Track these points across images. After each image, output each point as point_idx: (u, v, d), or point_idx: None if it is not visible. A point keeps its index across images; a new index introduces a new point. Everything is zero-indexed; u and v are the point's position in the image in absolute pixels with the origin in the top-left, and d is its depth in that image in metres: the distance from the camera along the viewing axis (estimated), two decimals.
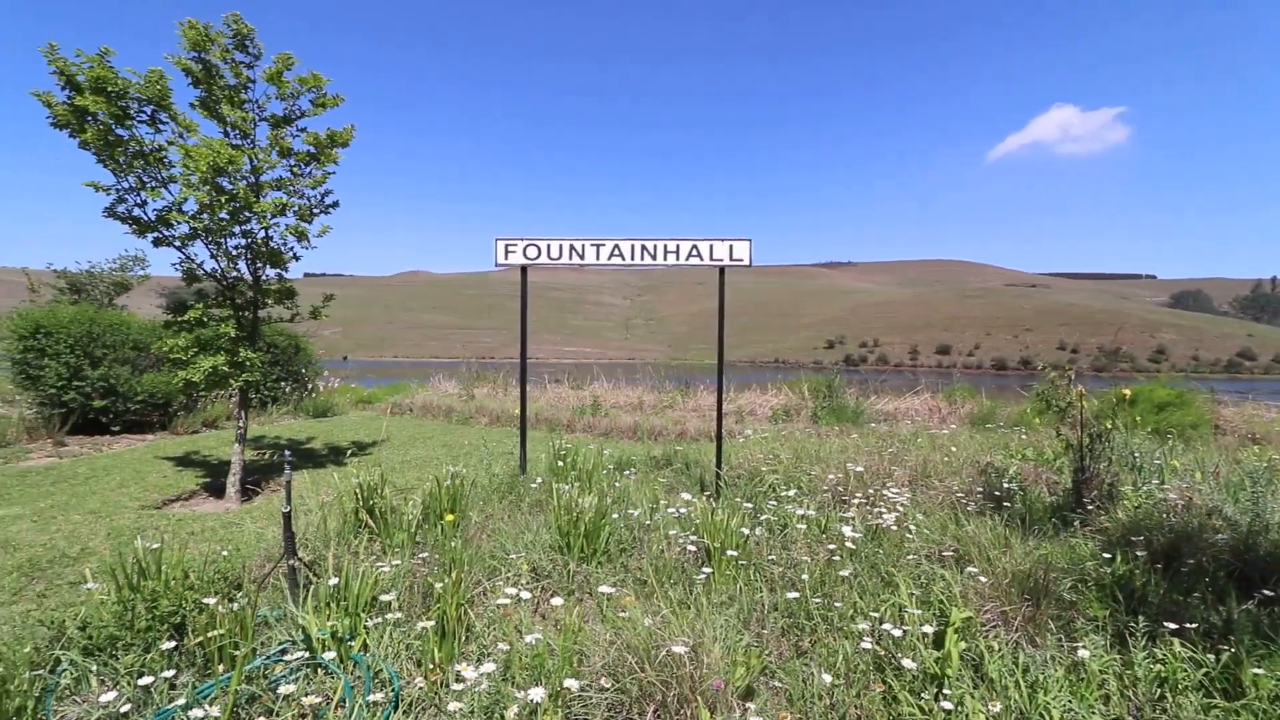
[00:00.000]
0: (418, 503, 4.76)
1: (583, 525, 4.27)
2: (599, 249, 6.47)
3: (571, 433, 10.69)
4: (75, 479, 6.82)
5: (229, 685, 2.64)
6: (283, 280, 6.98)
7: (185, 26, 6.18)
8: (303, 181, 6.87)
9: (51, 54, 5.72)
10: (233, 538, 5.00)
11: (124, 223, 6.30)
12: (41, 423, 8.84)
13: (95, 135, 5.84)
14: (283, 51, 6.59)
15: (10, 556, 4.68)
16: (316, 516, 4.82)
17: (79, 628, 3.04)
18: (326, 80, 6.94)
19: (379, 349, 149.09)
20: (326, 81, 6.94)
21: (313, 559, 3.95)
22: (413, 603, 3.50)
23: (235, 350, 6.20)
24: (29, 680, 2.61)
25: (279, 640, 3.18)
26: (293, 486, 3.89)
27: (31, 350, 8.91)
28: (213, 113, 6.46)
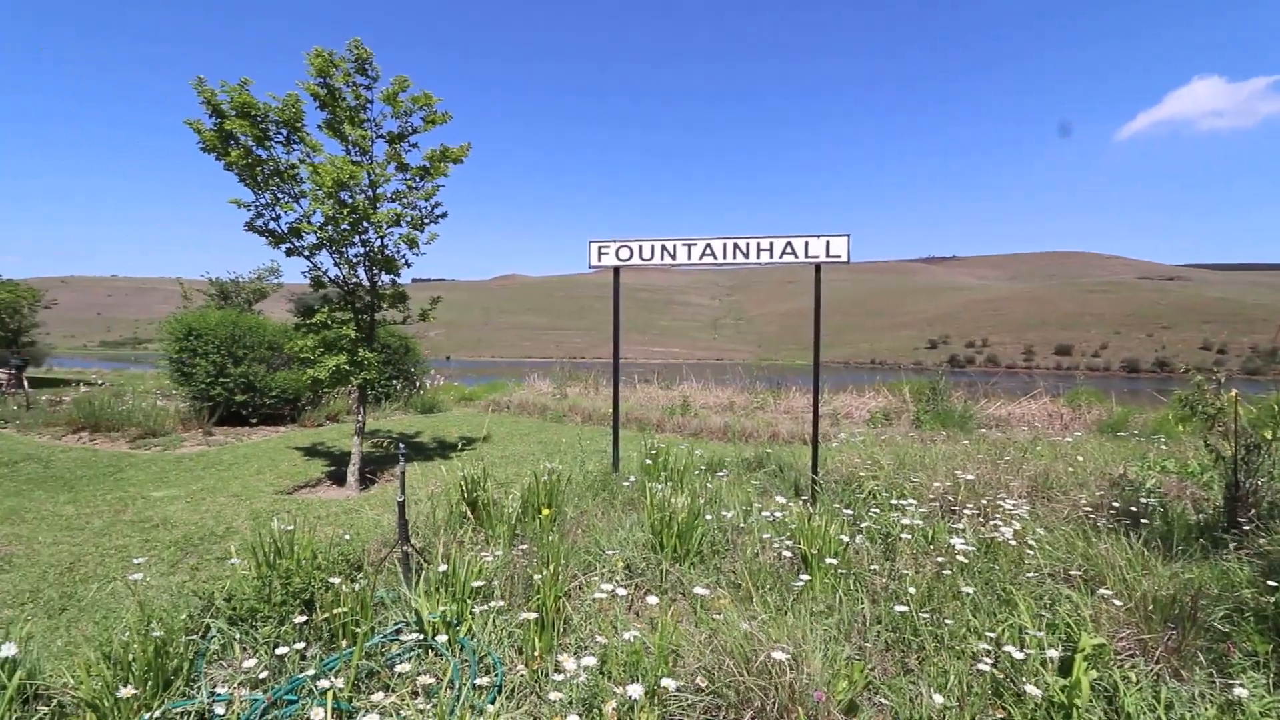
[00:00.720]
0: (517, 497, 4.95)
1: (675, 525, 4.27)
2: (690, 249, 6.46)
3: (661, 432, 10.73)
4: (221, 465, 7.65)
5: (351, 660, 2.86)
6: (396, 285, 7.47)
7: (312, 55, 6.76)
8: (415, 194, 7.32)
9: (200, 85, 6.44)
10: (353, 523, 5.42)
11: (261, 235, 6.99)
12: (193, 414, 9.99)
13: (238, 156, 6.51)
14: (399, 74, 7.05)
15: (168, 533, 5.32)
16: (426, 506, 5.13)
17: (225, 599, 3.39)
18: (437, 99, 7.37)
19: (477, 349, 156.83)
20: (437, 100, 7.37)
21: (423, 546, 4.19)
22: (513, 592, 3.64)
23: (355, 350, 6.71)
24: (185, 644, 2.94)
25: (394, 620, 3.40)
26: (403, 477, 4.18)
27: (185, 350, 10.09)
28: (336, 132, 7.02)
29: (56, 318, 31.34)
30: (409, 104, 7.24)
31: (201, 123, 6.51)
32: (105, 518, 5.67)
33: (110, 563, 4.66)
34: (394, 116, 7.24)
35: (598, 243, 6.63)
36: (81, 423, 9.45)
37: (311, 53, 6.74)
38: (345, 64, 6.88)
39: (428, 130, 7.46)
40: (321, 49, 6.76)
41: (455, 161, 7.61)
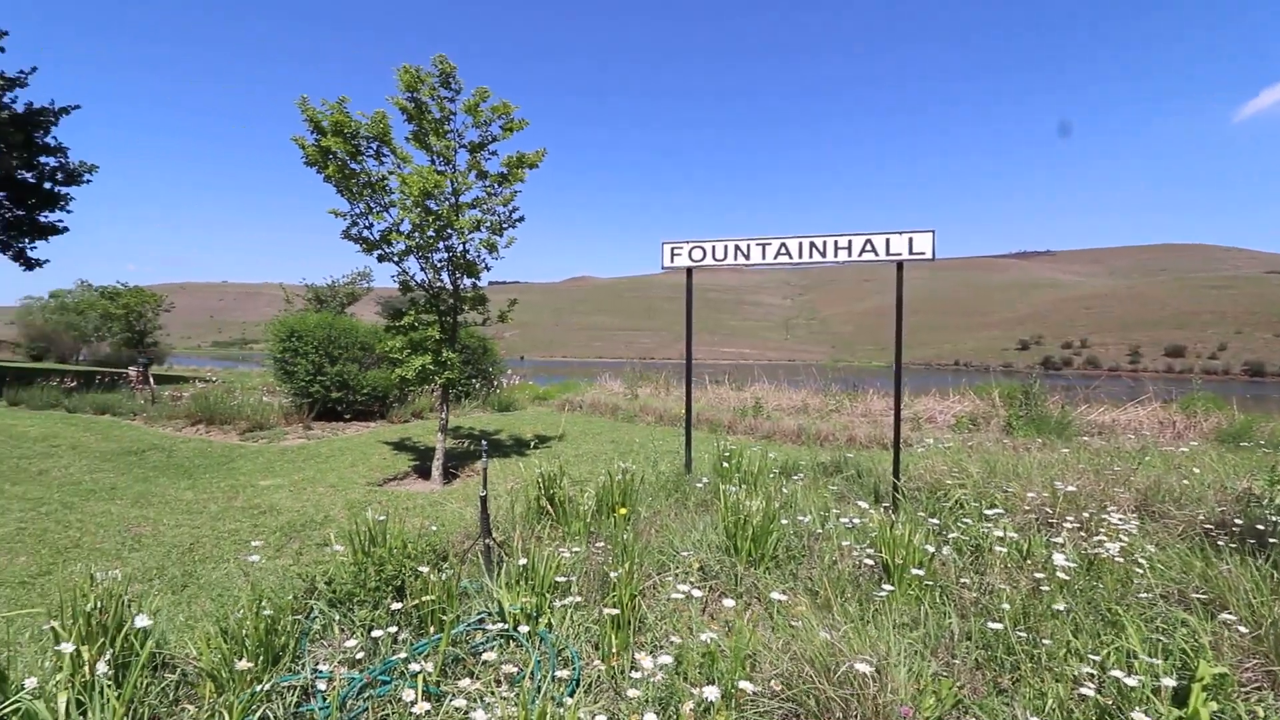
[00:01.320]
0: (592, 495, 5.04)
1: (750, 528, 4.22)
2: (764, 249, 6.36)
3: (733, 434, 10.63)
4: (319, 457, 8.20)
5: (439, 646, 3.00)
6: (476, 288, 7.77)
7: (401, 71, 7.13)
8: (494, 200, 7.59)
9: (304, 104, 6.93)
10: (438, 515, 5.68)
11: (355, 243, 7.44)
12: (294, 410, 10.76)
13: (335, 170, 6.96)
14: (480, 85, 7.34)
15: (274, 519, 5.75)
16: (505, 502, 5.30)
17: (325, 583, 3.64)
18: (515, 107, 7.61)
19: (550, 349, 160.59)
20: (515, 108, 7.62)
21: (503, 540, 4.34)
22: (588, 588, 3.70)
23: (439, 351, 7.04)
24: (291, 623, 3.18)
25: (477, 610, 3.54)
26: (485, 473, 4.36)
27: (288, 350, 10.89)
28: (422, 143, 7.38)
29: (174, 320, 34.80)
30: (489, 113, 7.51)
31: (304, 139, 7.01)
32: (220, 503, 6.21)
33: (224, 545, 5.10)
34: (475, 126, 7.53)
35: (671, 244, 6.65)
36: (198, 416, 10.39)
37: (401, 69, 7.11)
38: (431, 78, 7.22)
39: (506, 138, 7.72)
40: (410, 66, 7.13)
41: (531, 167, 7.83)
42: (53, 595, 4.20)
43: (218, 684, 2.80)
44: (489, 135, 7.63)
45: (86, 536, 5.32)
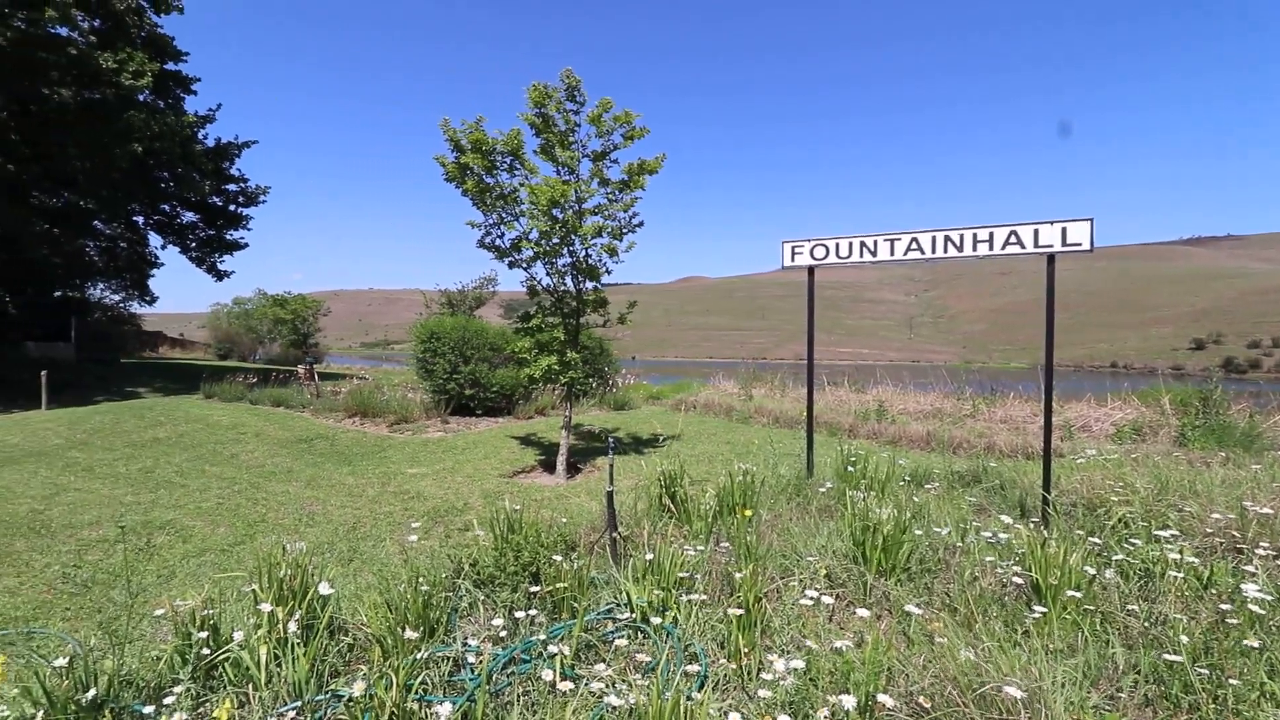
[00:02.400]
0: (712, 495, 5.07)
1: (880, 537, 4.06)
2: (893, 244, 6.08)
3: (854, 438, 10.21)
4: (456, 450, 8.89)
5: (573, 631, 3.18)
6: (597, 291, 8.06)
7: (530, 88, 7.56)
8: (615, 206, 7.84)
9: (445, 126, 7.54)
10: (565, 507, 5.97)
11: (489, 251, 7.98)
12: (434, 405, 11.73)
13: (473, 185, 7.52)
14: (604, 97, 7.62)
15: (422, 504, 6.32)
16: (627, 498, 5.47)
17: (470, 565, 3.96)
18: (636, 115, 7.82)
19: (661, 349, 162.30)
20: (636, 116, 7.83)
21: (627, 534, 4.48)
22: (711, 587, 3.75)
23: (564, 351, 7.39)
24: (443, 600, 3.49)
25: (605, 600, 3.71)
26: (604, 470, 4.54)
27: (428, 351, 11.89)
28: (549, 155, 7.77)
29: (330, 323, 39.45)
30: (611, 123, 7.77)
31: (445, 157, 7.63)
32: (376, 488, 6.92)
33: (381, 525, 5.69)
34: (598, 136, 7.82)
35: (791, 242, 6.53)
36: (354, 410, 11.62)
37: (530, 87, 7.54)
38: (557, 93, 7.59)
39: (627, 146, 7.95)
40: (539, 83, 7.54)
41: (651, 173, 8.00)
42: (247, 561, 4.90)
43: (384, 649, 3.14)
44: (611, 144, 7.89)
45: (271, 512, 6.15)
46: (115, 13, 17.70)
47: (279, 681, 2.85)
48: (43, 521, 5.93)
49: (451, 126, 7.47)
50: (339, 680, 3.01)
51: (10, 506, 6.39)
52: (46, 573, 4.76)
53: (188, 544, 5.32)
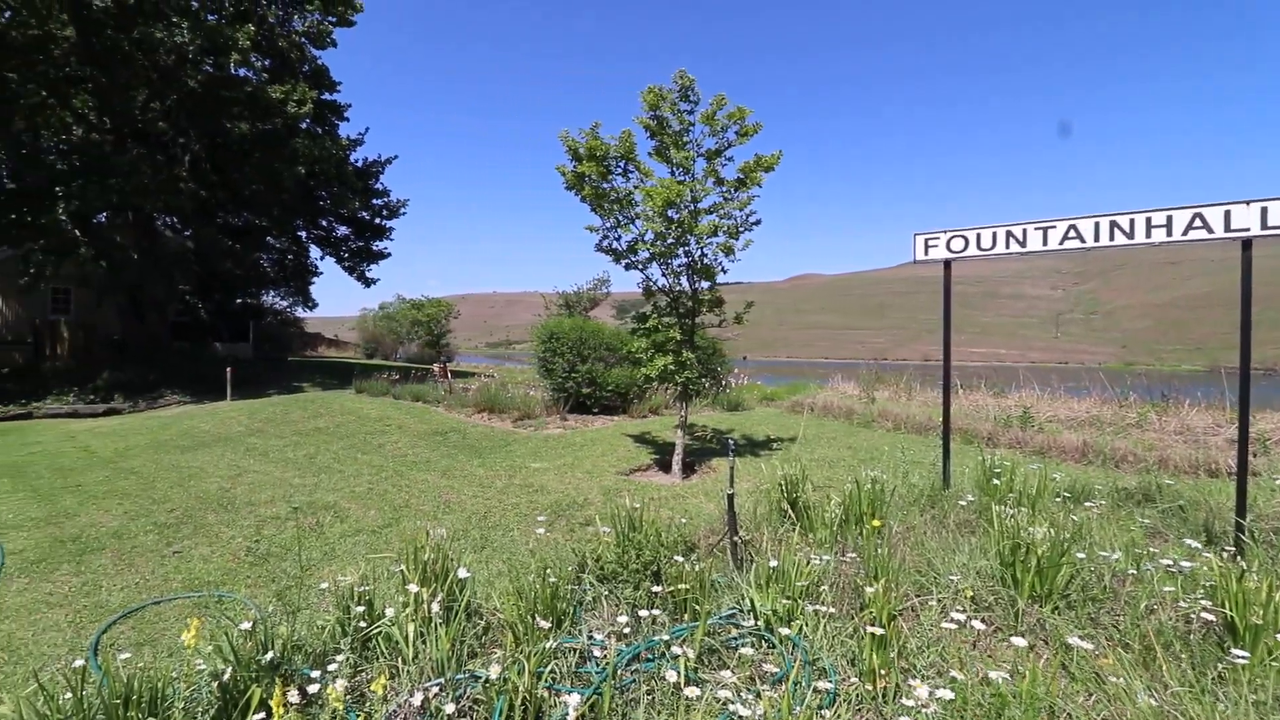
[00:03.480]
0: (837, 502, 4.84)
1: (1034, 558, 3.68)
2: (1046, 233, 5.49)
3: (994, 447, 9.36)
4: (574, 446, 9.19)
5: (696, 634, 3.15)
6: (713, 291, 8.00)
7: (645, 92, 7.64)
8: (731, 204, 7.74)
9: (565, 137, 7.79)
10: (682, 508, 5.97)
11: (607, 254, 8.16)
12: (553, 402, 12.21)
13: (590, 191, 7.72)
14: (718, 93, 7.54)
15: (545, 497, 6.58)
16: (745, 501, 5.36)
17: (593, 560, 4.05)
18: (749, 111, 7.68)
19: (772, 349, 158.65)
20: (749, 113, 7.68)
21: (747, 539, 4.39)
22: (838, 600, 3.57)
23: (680, 351, 7.40)
24: (569, 593, 3.59)
25: (726, 605, 3.64)
26: (725, 472, 4.47)
27: (548, 350, 12.41)
28: (663, 156, 7.81)
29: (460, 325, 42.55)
30: (724, 120, 7.67)
31: (565, 166, 7.90)
32: (503, 480, 7.31)
33: (509, 516, 5.99)
34: (711, 134, 7.75)
35: (924, 235, 6.09)
36: (482, 405, 12.37)
37: (645, 91, 7.63)
38: (671, 94, 7.61)
39: (741, 143, 7.82)
40: (653, 86, 7.61)
41: (768, 170, 7.81)
42: (394, 543, 5.35)
43: (515, 636, 3.29)
44: (725, 141, 7.80)
45: (413, 499, 6.68)
46: (281, 51, 20.08)
47: (424, 657, 3.06)
48: (229, 498, 6.84)
49: (570, 137, 7.72)
50: (476, 661, 3.18)
51: (203, 484, 7.43)
52: (231, 544, 5.47)
53: (344, 524, 5.90)
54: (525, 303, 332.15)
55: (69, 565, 5.03)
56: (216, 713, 2.71)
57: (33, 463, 9.02)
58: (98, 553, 5.29)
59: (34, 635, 3.92)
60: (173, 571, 4.88)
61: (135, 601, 4.33)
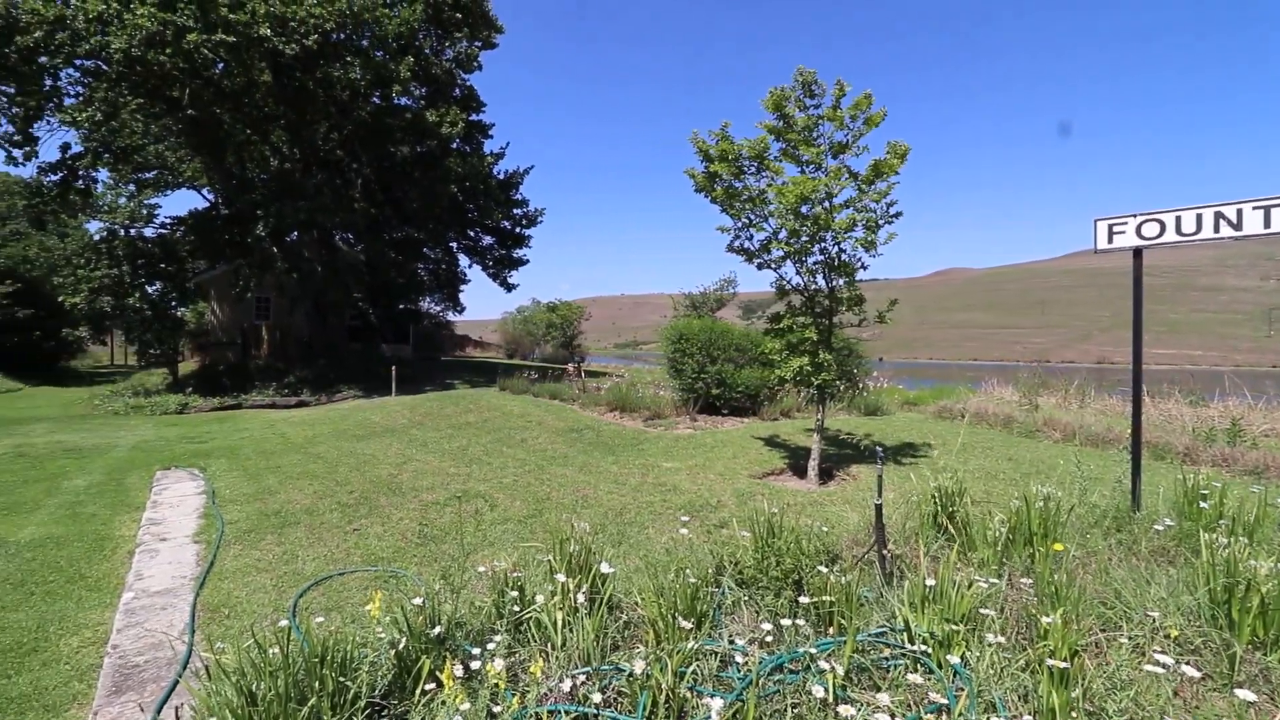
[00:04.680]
0: (1000, 519, 4.40)
1: (1256, 597, 3.11)
2: (1269, 213, 4.62)
3: (1192, 464, 8.06)
4: (704, 447, 9.18)
5: (844, 649, 3.00)
6: (852, 288, 7.62)
7: (768, 95, 7.46)
8: (868, 196, 7.34)
9: (695, 139, 7.80)
10: (821, 515, 5.75)
11: (738, 254, 8.06)
12: (681, 403, 12.29)
13: (721, 192, 7.67)
14: (837, 78, 7.19)
15: (678, 497, 6.63)
16: (894, 513, 5.04)
17: (731, 563, 4.00)
18: (871, 98, 7.25)
19: (911, 350, 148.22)
20: (871, 99, 7.26)
21: (898, 553, 4.12)
22: (1007, 629, 3.24)
23: (816, 352, 7.13)
24: (708, 595, 3.57)
25: (875, 622, 3.44)
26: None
27: (677, 351, 12.50)
28: (792, 156, 7.57)
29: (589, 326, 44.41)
30: (849, 111, 7.30)
31: (695, 169, 7.91)
32: (636, 478, 7.47)
33: (644, 513, 6.10)
34: (839, 128, 7.40)
35: (1108, 220, 5.37)
36: (614, 404, 12.75)
37: (767, 94, 7.45)
38: (794, 92, 7.36)
39: (868, 132, 7.40)
40: (774, 88, 7.42)
41: (901, 158, 7.35)
42: (539, 533, 5.65)
43: (656, 633, 3.33)
44: (854, 132, 7.42)
45: (553, 492, 7.03)
46: (436, 78, 22.01)
47: (571, 645, 3.19)
48: (397, 483, 7.60)
49: (701, 138, 7.72)
50: (618, 654, 3.26)
51: (375, 470, 8.32)
52: (400, 525, 6.07)
53: (494, 512, 6.34)
54: (651, 304, 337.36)
55: (272, 536, 5.85)
56: (393, 678, 3.01)
57: (243, 446, 10.62)
58: (294, 526, 6.11)
59: (246, 595, 4.59)
60: (353, 547, 5.51)
61: (323, 571, 4.94)
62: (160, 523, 6.33)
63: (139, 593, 4.65)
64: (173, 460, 9.41)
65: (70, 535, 5.95)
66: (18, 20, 14.14)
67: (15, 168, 18.16)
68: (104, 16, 14.46)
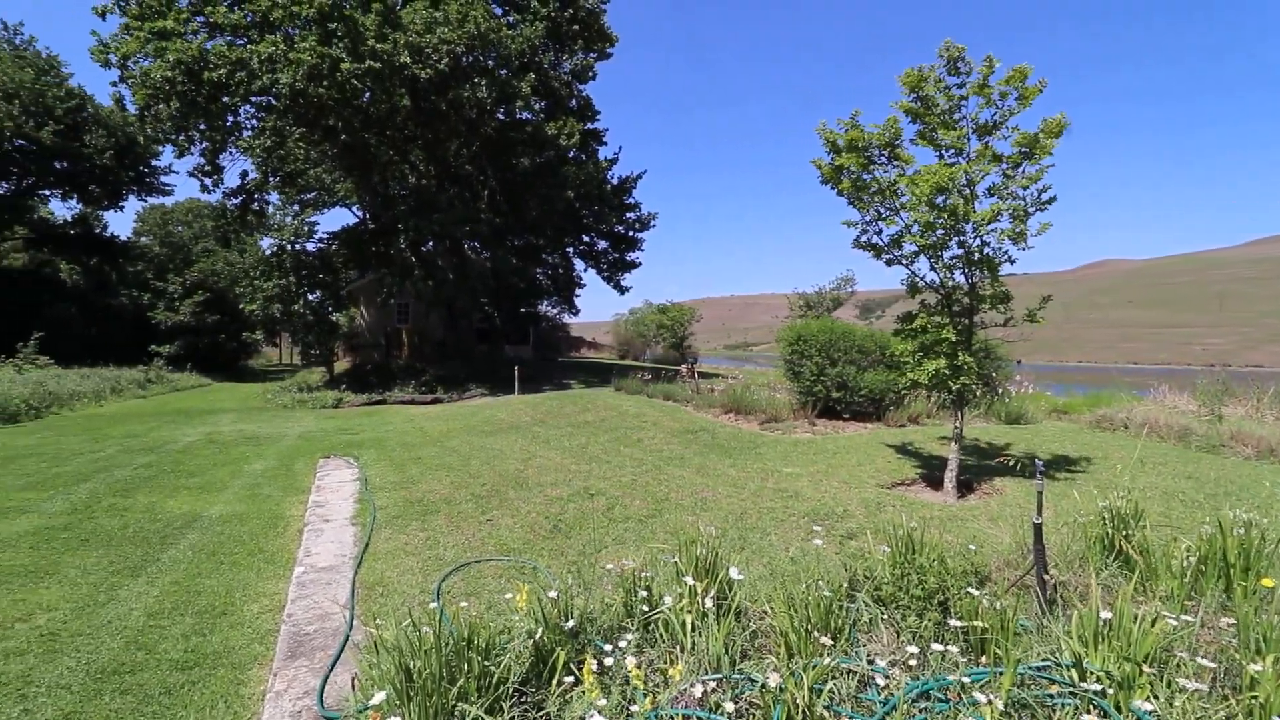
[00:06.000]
0: (1187, 546, 3.84)
1: None
2: None
3: None
4: (826, 453, 8.82)
5: (1001, 681, 2.74)
6: (996, 284, 7.00)
7: (904, 75, 6.99)
8: (1015, 182, 6.71)
9: (822, 129, 7.50)
10: (962, 531, 5.32)
11: (865, 250, 7.65)
12: (799, 406, 11.90)
13: (849, 184, 7.32)
14: (987, 55, 6.60)
15: (800, 504, 6.41)
16: (1053, 534, 4.56)
17: (865, 577, 3.79)
18: (1029, 70, 6.57)
19: (1057, 351, 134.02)
20: (1029, 72, 6.58)
21: (1063, 579, 3.72)
22: (1201, 674, 2.81)
23: (954, 354, 6.61)
24: (843, 610, 3.41)
25: (1036, 655, 3.11)
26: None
27: (795, 353, 12.12)
28: (929, 140, 7.06)
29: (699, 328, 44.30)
30: (1000, 88, 6.67)
31: (821, 160, 7.61)
32: (756, 482, 7.32)
33: (765, 519, 5.96)
34: (986, 105, 6.80)
35: None
36: (729, 406, 12.60)
37: (904, 74, 6.98)
38: (935, 71, 6.86)
39: (1023, 109, 6.73)
40: (912, 69, 6.94)
41: (1056, 135, 6.64)
42: (659, 533, 5.68)
43: (788, 645, 3.22)
44: (1004, 111, 6.77)
45: (672, 493, 7.05)
46: (554, 91, 22.92)
47: (699, 650, 3.16)
48: (523, 478, 7.98)
49: (828, 129, 7.41)
50: (747, 663, 3.19)
51: (503, 464, 8.79)
52: (528, 518, 6.36)
53: (614, 510, 6.46)
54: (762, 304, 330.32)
55: (417, 522, 6.33)
56: (530, 666, 3.13)
57: (388, 438, 11.63)
58: (434, 514, 6.58)
59: (397, 576, 5.00)
60: (486, 536, 5.84)
61: (461, 558, 5.27)
62: (323, 505, 7.07)
63: (308, 568, 5.21)
64: (331, 449, 10.49)
65: (250, 513, 6.79)
66: (208, 60, 16.43)
67: (205, 194, 21.20)
68: (273, 57, 16.45)
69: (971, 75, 6.84)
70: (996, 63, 6.72)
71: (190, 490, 7.71)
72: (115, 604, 4.46)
